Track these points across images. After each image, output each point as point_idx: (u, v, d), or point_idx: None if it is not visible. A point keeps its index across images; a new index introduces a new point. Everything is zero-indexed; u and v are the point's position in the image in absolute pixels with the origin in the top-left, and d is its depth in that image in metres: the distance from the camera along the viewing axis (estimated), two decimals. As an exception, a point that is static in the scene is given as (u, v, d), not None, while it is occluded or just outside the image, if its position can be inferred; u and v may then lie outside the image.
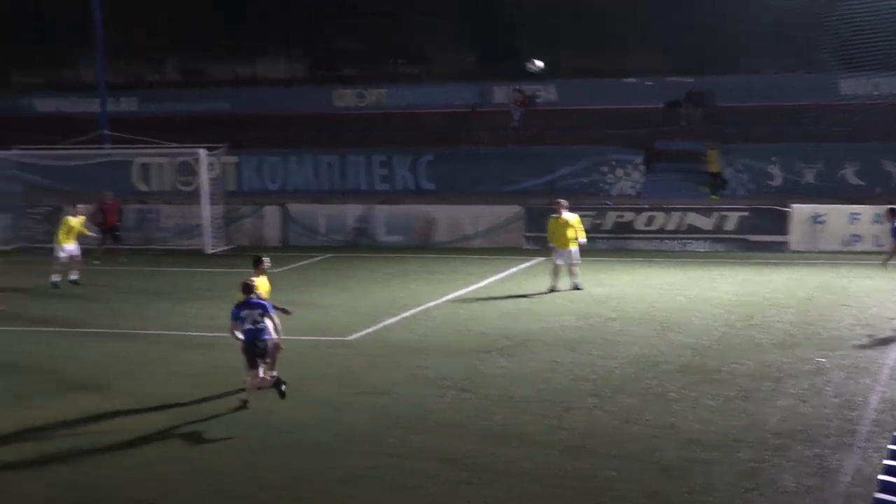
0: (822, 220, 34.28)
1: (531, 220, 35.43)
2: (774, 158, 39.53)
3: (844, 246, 33.74)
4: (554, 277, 28.19)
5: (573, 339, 22.74)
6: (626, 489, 14.23)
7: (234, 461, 15.70)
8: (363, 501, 14.17)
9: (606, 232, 35.47)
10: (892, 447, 14.49)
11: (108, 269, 33.23)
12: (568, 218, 28.37)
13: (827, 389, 18.57)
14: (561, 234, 28.24)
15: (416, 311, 25.89)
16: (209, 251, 35.84)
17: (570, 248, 28.12)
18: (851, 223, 34.08)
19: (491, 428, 16.98)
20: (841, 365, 20.16)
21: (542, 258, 32.04)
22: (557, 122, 45.53)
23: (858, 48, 37.08)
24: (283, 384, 18.35)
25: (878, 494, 12.67)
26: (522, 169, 41.56)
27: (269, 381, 18.42)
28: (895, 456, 13.75)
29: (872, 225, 33.31)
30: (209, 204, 36.54)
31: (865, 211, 33.92)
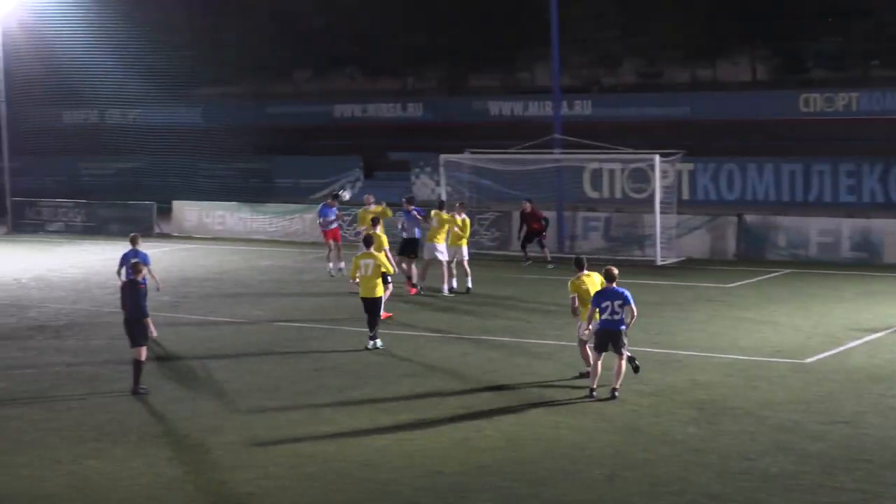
0: None
1: None
2: None
3: None
4: None
5: None
6: None
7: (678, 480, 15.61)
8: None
9: None
10: None
11: (537, 276, 33.94)
12: None
13: None
14: None
15: (881, 334, 24.75)
16: (659, 263, 35.80)
17: None
18: None
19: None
20: None
21: None
22: None
23: None
24: (635, 360, 20.38)
25: None
26: None
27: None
28: None
29: None
30: (661, 213, 36.46)
31: None
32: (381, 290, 24.61)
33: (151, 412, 20.09)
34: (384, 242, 27.24)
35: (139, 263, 21.90)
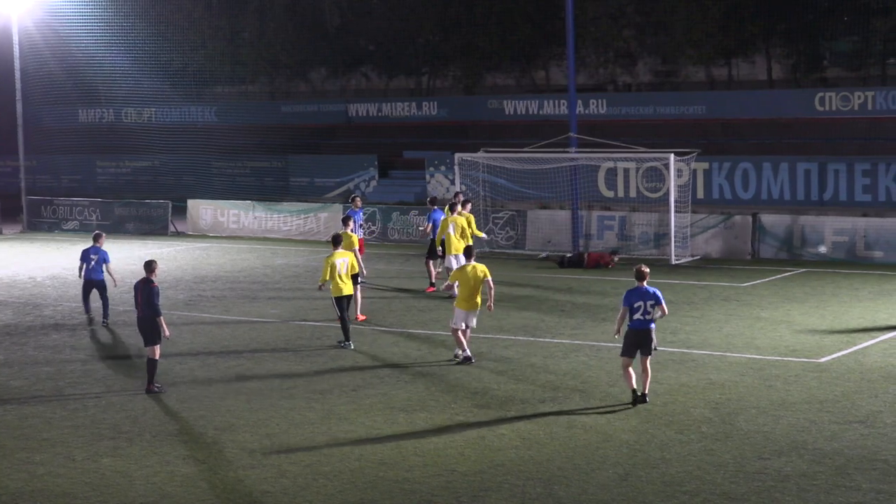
0: None
1: None
2: None
3: None
4: None
5: None
6: None
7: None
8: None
9: None
10: None
11: (551, 275, 34.00)
12: None
13: None
14: None
15: (897, 334, 24.75)
16: (674, 262, 35.77)
17: None
18: None
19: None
20: None
21: None
22: None
23: None
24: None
25: None
26: None
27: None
28: None
29: None
30: (675, 212, 36.45)
31: None
32: (351, 287, 24.99)
33: (166, 411, 20.15)
34: (354, 242, 27.97)
35: (152, 262, 21.92)
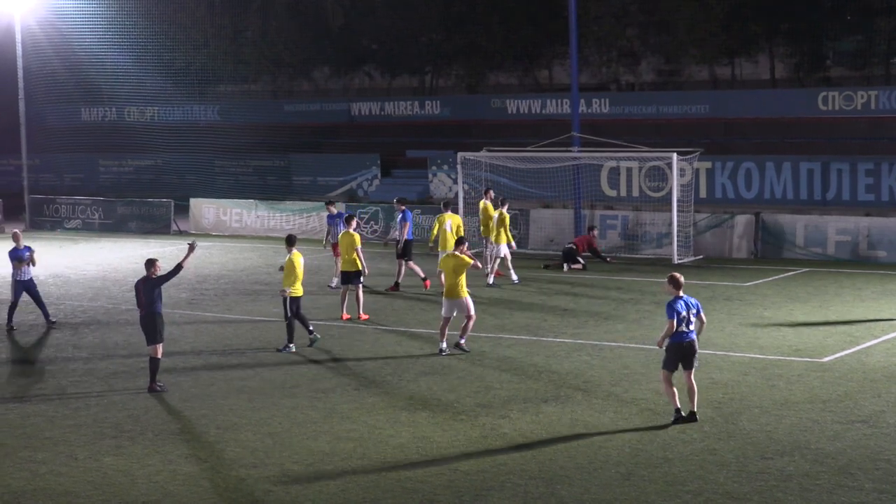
0: None
1: None
2: None
3: None
4: None
5: None
6: None
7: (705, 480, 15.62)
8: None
9: None
10: None
11: (554, 274, 33.96)
12: None
13: None
14: None
15: (901, 334, 24.72)
16: (676, 261, 35.74)
17: None
18: None
19: None
20: None
21: None
22: None
23: None
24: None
25: None
26: None
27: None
28: None
29: None
30: (678, 211, 36.42)
31: None
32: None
33: (168, 409, 20.15)
34: (357, 241, 27.48)
35: (153, 260, 21.83)
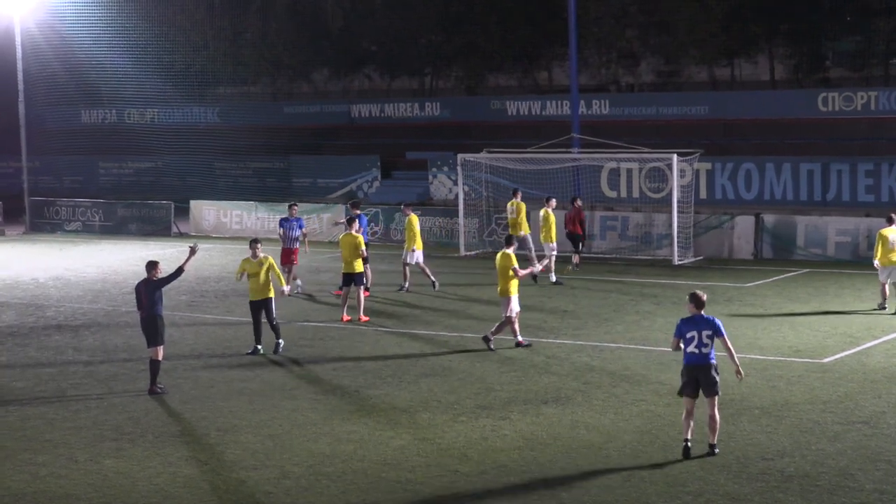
0: None
1: None
2: None
3: None
4: None
5: None
6: None
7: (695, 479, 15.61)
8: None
9: None
10: None
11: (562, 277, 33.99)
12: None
13: None
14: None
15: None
16: (676, 262, 35.75)
17: None
18: None
19: None
20: None
21: None
22: None
23: None
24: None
25: None
26: None
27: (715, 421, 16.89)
28: None
29: None
30: (678, 212, 36.42)
31: None
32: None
33: (168, 412, 20.15)
34: (360, 243, 27.48)
35: (154, 263, 21.80)
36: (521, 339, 24.22)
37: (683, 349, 17.01)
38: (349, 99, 62.28)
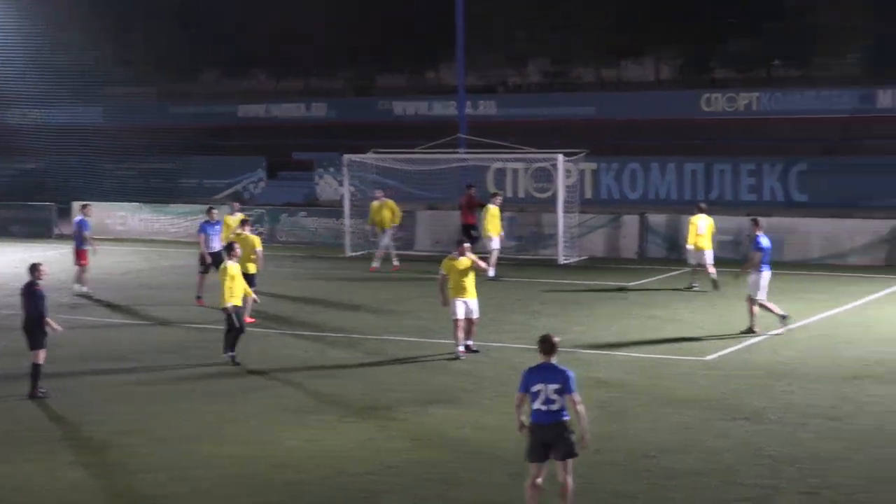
0: None
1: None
2: None
3: None
4: None
5: (962, 370, 21.53)
6: None
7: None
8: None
9: None
10: None
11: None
12: None
13: None
14: None
15: (782, 330, 25.12)
16: (561, 262, 36.05)
17: None
18: None
19: (862, 462, 16.34)
20: None
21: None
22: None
23: None
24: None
25: None
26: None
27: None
28: None
29: None
30: (563, 212, 36.70)
31: None
32: None
33: (52, 416, 19.85)
34: (257, 244, 27.78)
35: (37, 265, 21.46)
36: (462, 346, 23.53)
37: (530, 405, 14.13)
38: (236, 100, 61.81)
